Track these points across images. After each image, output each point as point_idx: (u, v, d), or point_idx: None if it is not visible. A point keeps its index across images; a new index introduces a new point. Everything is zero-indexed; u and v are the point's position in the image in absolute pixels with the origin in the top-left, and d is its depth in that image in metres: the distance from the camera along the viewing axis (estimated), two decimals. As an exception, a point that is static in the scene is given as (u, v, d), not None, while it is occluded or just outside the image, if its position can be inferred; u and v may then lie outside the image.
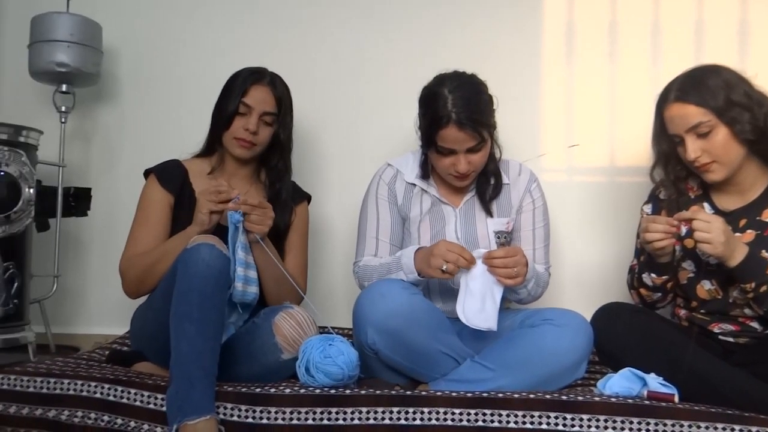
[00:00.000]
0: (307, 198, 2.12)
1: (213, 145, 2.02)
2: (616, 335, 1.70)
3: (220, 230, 1.75)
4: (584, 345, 1.70)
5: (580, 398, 1.53)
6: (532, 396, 1.54)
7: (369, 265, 1.90)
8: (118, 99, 2.75)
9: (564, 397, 1.53)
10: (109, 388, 1.60)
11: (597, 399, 1.53)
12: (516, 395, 1.54)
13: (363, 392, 1.58)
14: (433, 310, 1.74)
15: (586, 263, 2.46)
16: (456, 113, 1.75)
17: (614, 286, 2.25)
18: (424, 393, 1.59)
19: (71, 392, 1.61)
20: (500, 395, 1.54)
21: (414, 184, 1.96)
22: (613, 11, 2.51)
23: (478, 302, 1.69)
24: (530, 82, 2.53)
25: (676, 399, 1.53)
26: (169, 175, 1.94)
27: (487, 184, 1.94)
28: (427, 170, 1.95)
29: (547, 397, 1.54)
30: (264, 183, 2.05)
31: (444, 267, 1.66)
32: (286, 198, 2.02)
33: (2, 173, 2.23)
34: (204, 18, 2.70)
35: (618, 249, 2.34)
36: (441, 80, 1.84)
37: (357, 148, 2.58)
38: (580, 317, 1.73)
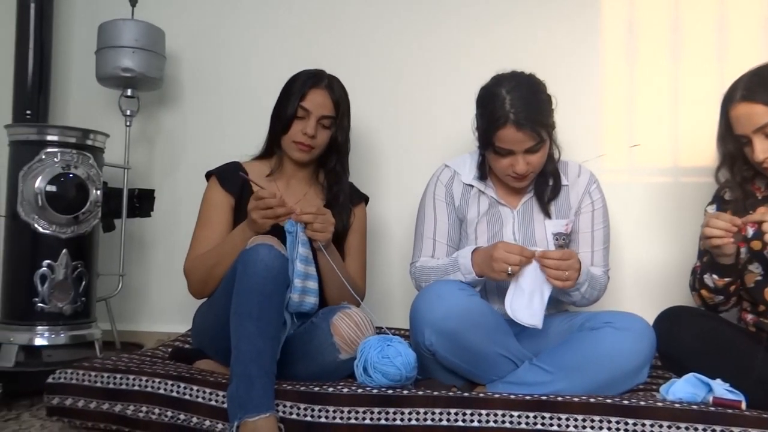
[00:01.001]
0: (365, 199, 2.13)
1: (272, 148, 2.04)
2: (679, 340, 1.67)
3: (275, 228, 1.75)
4: (646, 349, 1.66)
5: (642, 403, 1.49)
6: (592, 400, 1.51)
7: (426, 266, 1.89)
8: (180, 103, 2.82)
9: (626, 402, 1.50)
10: (172, 385, 1.64)
11: (660, 404, 1.49)
12: (576, 399, 1.52)
13: (420, 393, 1.58)
14: (491, 312, 1.72)
15: (648, 266, 2.41)
16: (514, 113, 1.73)
17: (676, 289, 2.20)
18: (481, 395, 1.58)
19: (136, 388, 1.65)
20: (560, 398, 1.52)
21: (471, 186, 1.95)
22: (677, 7, 2.44)
23: (526, 298, 1.68)
24: (590, 80, 2.49)
25: (743, 406, 1.49)
26: (230, 176, 1.96)
27: (545, 185, 1.92)
28: (484, 171, 1.94)
29: (608, 401, 1.51)
30: (322, 185, 2.06)
31: (509, 270, 1.65)
32: (344, 200, 2.02)
33: (71, 175, 2.29)
34: (264, 22, 2.74)
35: (681, 251, 2.28)
36: (498, 80, 1.82)
37: (414, 149, 2.58)
38: (642, 321, 1.69)
